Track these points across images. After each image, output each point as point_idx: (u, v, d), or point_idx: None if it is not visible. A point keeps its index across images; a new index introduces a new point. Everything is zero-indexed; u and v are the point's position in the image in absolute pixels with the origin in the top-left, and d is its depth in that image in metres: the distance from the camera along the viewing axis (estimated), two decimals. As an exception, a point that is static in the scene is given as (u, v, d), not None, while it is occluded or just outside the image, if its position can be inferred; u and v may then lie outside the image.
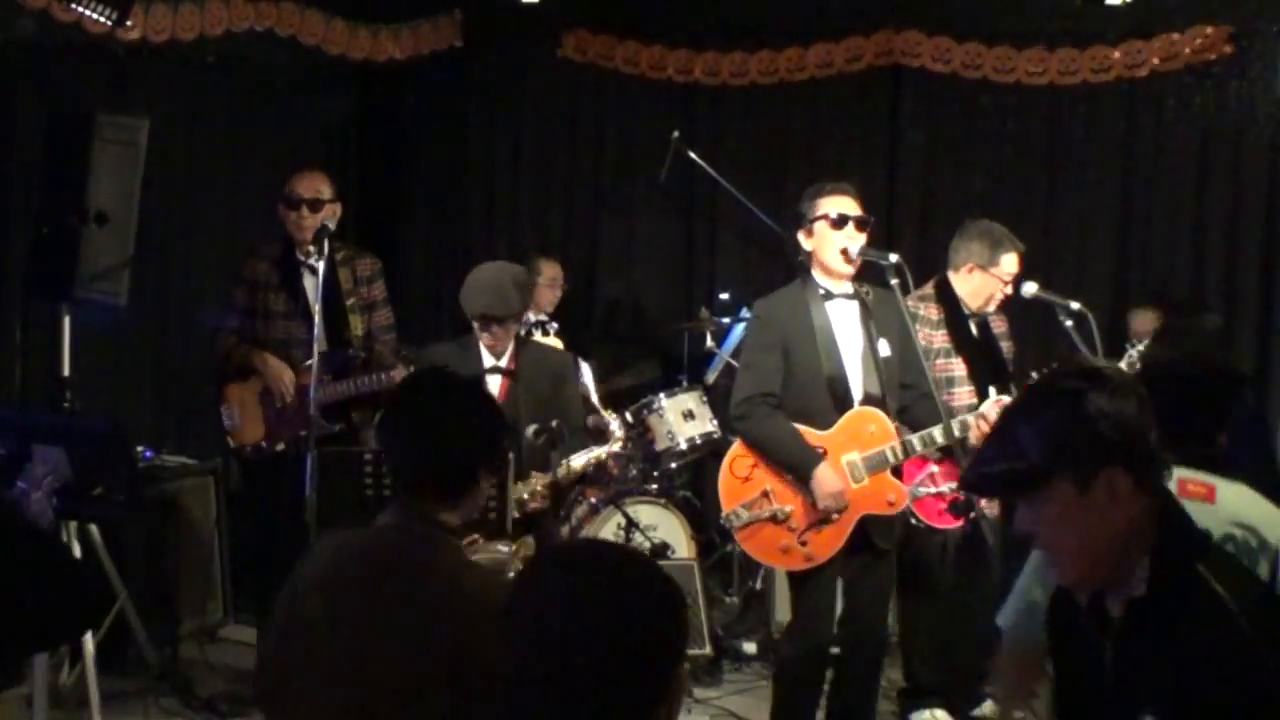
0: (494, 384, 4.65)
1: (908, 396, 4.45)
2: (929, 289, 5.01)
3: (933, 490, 4.65)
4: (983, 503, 4.44)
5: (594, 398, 5.91)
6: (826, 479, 4.23)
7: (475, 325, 4.66)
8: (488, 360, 4.71)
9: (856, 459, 4.30)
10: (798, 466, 4.28)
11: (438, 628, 2.37)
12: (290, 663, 2.50)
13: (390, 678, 2.37)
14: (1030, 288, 4.88)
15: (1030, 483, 1.96)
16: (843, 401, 4.34)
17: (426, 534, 2.52)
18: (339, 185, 5.40)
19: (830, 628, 4.47)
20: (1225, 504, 2.82)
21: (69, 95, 6.01)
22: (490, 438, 2.67)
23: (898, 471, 4.42)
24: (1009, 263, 4.95)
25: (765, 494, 4.32)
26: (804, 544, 4.28)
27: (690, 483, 6.62)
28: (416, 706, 2.36)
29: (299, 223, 5.14)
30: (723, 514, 4.44)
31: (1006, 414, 2.06)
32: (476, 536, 4.38)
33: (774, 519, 4.31)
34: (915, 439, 4.33)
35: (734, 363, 5.96)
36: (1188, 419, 2.87)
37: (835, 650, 4.68)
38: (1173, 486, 2.73)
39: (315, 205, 5.16)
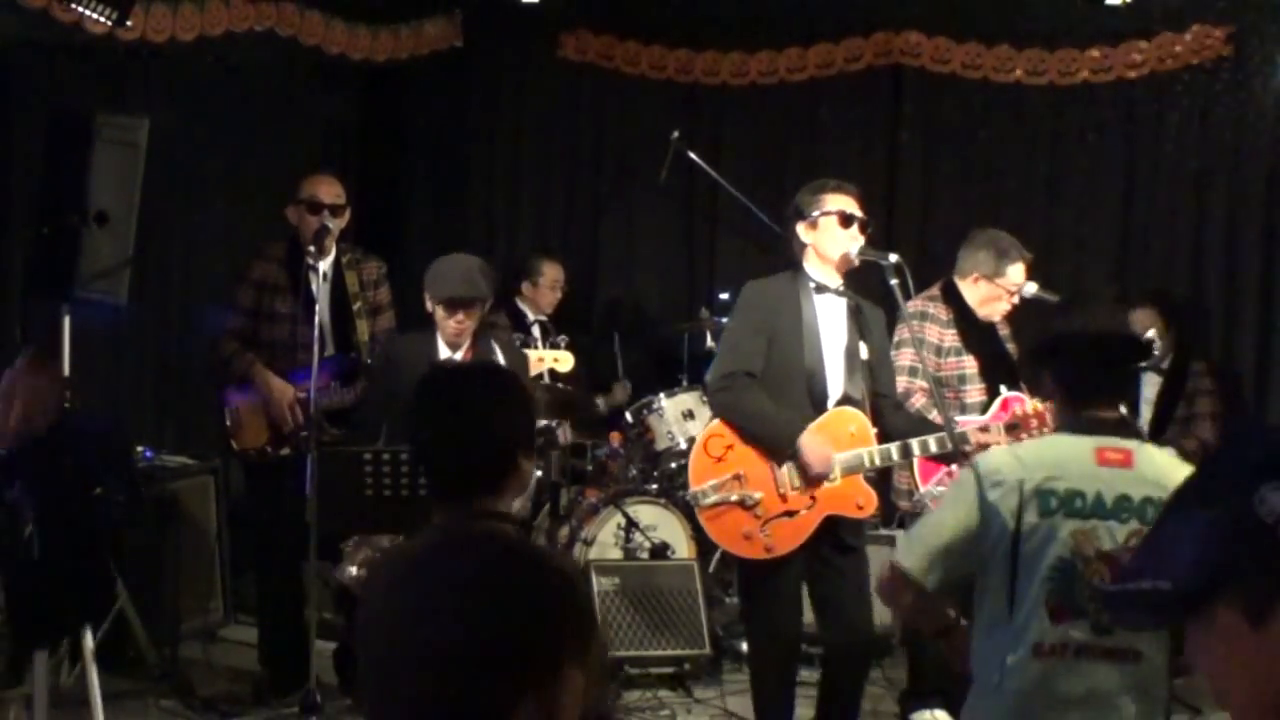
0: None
1: (880, 404, 4.46)
2: (936, 290, 5.01)
3: (944, 490, 4.65)
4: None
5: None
6: (814, 443, 4.22)
7: (440, 312, 4.64)
8: (444, 353, 4.69)
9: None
10: (780, 436, 4.26)
11: (500, 617, 2.34)
12: (375, 681, 2.42)
13: (460, 674, 2.31)
14: (1030, 288, 4.88)
15: (1181, 610, 1.42)
16: (818, 396, 4.34)
17: (479, 530, 2.48)
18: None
19: (796, 621, 4.45)
20: (1143, 467, 2.87)
21: (69, 95, 6.01)
22: (524, 419, 2.62)
23: (887, 474, 4.43)
24: (1015, 273, 4.93)
25: (737, 477, 4.31)
26: (765, 534, 4.27)
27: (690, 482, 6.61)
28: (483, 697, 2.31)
29: (310, 224, 5.07)
30: (689, 490, 4.43)
31: (1164, 510, 1.50)
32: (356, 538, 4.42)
33: (742, 504, 4.29)
34: (915, 443, 4.33)
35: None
36: (1093, 382, 2.94)
37: (818, 650, 4.69)
38: (1090, 456, 2.84)
39: (337, 210, 5.16)
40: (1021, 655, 2.84)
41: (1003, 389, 4.83)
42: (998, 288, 4.94)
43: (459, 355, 4.69)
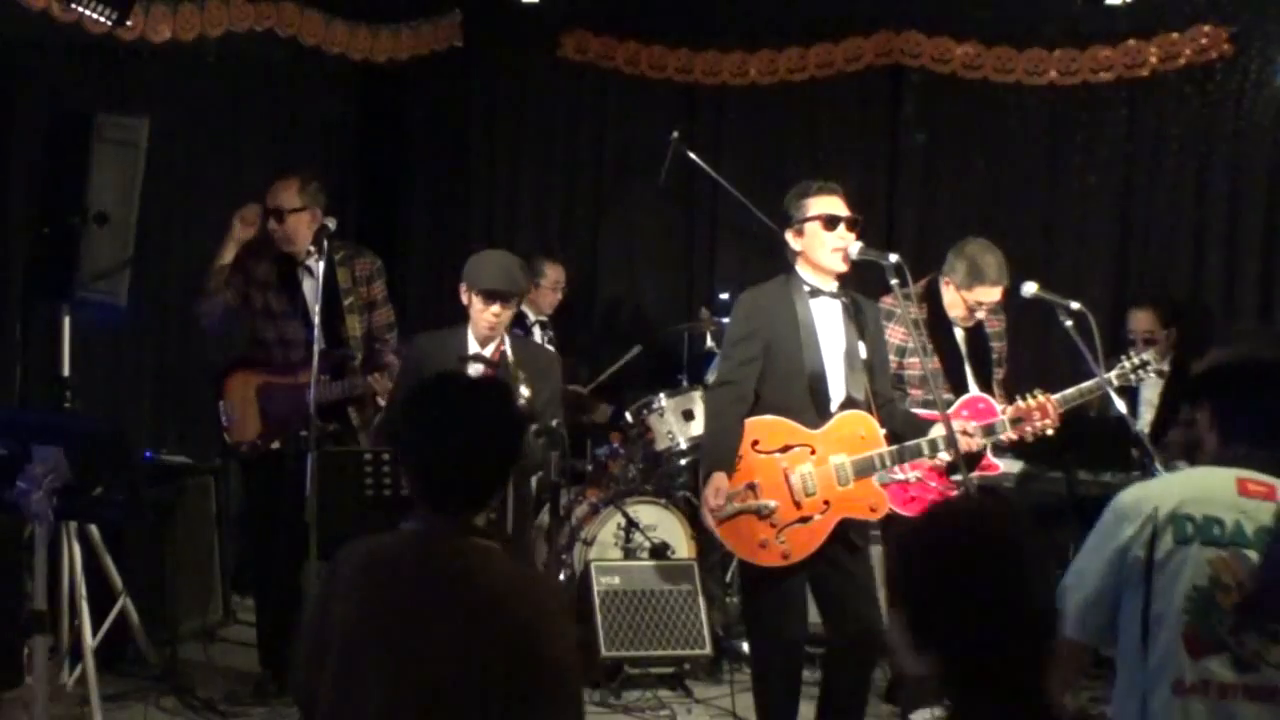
0: (474, 372, 4.64)
1: (876, 404, 4.47)
2: (919, 287, 5.03)
3: (898, 477, 4.68)
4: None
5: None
6: (719, 484, 4.26)
7: (477, 303, 4.64)
8: (473, 348, 4.69)
9: (845, 462, 4.30)
10: (712, 458, 4.33)
11: (486, 636, 2.34)
12: (330, 675, 2.42)
13: (438, 686, 2.33)
14: (1030, 288, 4.88)
15: None
16: (821, 400, 4.35)
17: (462, 544, 2.45)
18: (339, 186, 5.40)
19: (803, 624, 4.45)
20: None
21: (69, 95, 6.01)
22: (518, 437, 2.61)
23: None
24: (983, 294, 5.03)
25: (751, 486, 4.30)
26: (782, 541, 4.27)
27: (690, 483, 6.61)
28: (465, 712, 2.33)
29: (272, 232, 5.21)
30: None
31: None
32: None
33: (758, 513, 4.29)
34: (924, 443, 4.35)
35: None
36: (1249, 415, 2.81)
37: (819, 650, 4.68)
38: (1231, 486, 2.73)
39: (292, 212, 5.17)
40: (1161, 693, 2.70)
41: (973, 387, 4.98)
42: (962, 300, 5.06)
43: (489, 351, 4.70)
